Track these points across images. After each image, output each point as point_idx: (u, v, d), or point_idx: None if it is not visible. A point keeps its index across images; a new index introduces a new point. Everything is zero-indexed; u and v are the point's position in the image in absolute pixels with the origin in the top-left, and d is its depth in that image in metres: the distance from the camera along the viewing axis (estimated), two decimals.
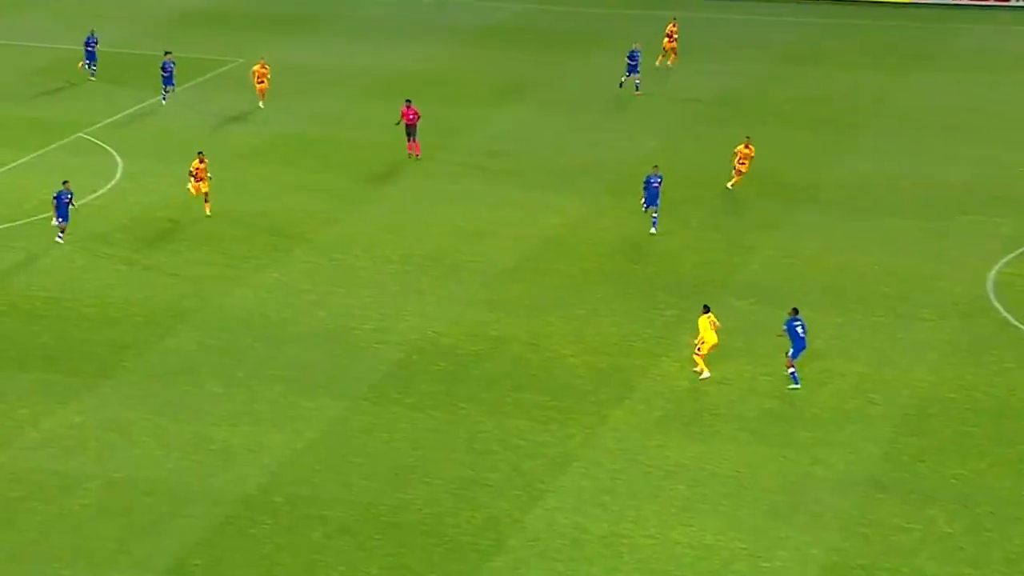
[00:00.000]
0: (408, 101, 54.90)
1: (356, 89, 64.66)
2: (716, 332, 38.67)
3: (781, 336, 38.58)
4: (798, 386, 38.27)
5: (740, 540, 31.95)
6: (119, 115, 60.59)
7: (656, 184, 48.15)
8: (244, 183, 53.14)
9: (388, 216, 50.53)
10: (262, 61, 60.89)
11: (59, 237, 47.11)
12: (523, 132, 59.29)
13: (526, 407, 37.54)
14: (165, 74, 60.79)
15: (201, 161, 49.22)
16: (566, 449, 35.58)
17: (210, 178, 49.33)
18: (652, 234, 47.80)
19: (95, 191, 51.60)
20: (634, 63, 62.82)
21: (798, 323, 38.45)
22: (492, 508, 33.12)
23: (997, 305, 43.94)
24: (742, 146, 51.32)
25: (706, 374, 38.66)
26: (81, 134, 58.01)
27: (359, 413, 37.22)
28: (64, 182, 47.21)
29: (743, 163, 50.97)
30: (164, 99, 60.89)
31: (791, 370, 38.32)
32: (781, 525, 32.54)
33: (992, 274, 46.09)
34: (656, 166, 48.70)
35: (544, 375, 39.29)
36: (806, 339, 38.51)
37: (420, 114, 55.02)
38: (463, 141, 57.10)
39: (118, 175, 53.85)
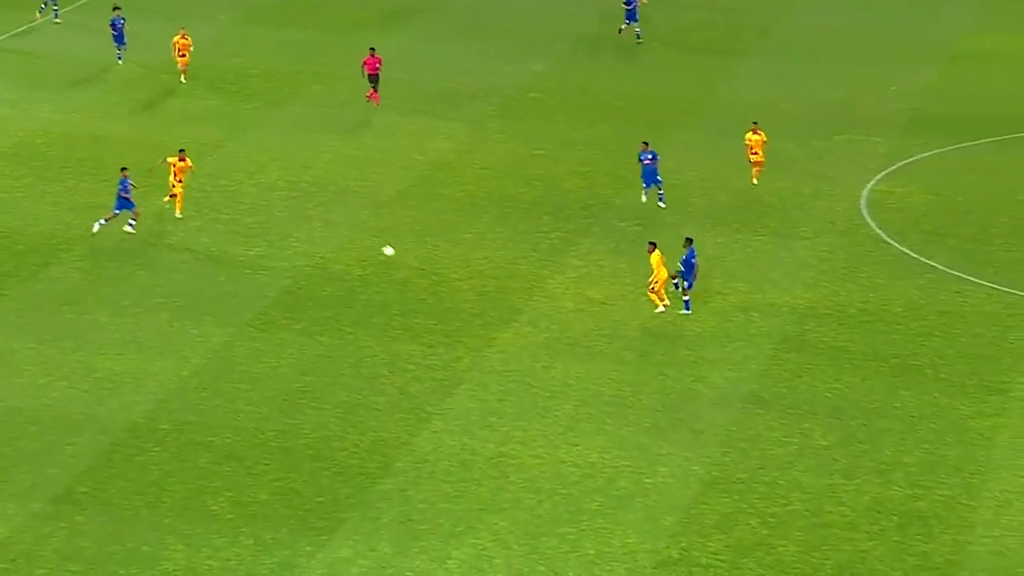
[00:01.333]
0: (372, 49, 53.46)
1: (237, 14, 63.82)
2: (664, 265, 38.23)
3: (675, 277, 38.64)
4: (689, 312, 38.77)
5: (624, 457, 32.65)
6: None
7: (648, 160, 44.33)
8: (128, 110, 52.50)
9: (275, 143, 50.25)
10: (183, 31, 55.16)
11: (130, 226, 42.24)
12: (409, 57, 59.02)
13: (414, 331, 37.85)
14: (115, 32, 56.15)
15: (182, 159, 43.47)
16: (453, 372, 35.98)
17: (192, 169, 43.85)
18: (660, 207, 44.69)
19: None
20: (631, 8, 59.54)
21: (694, 256, 38.65)
22: (380, 431, 33.47)
23: (871, 222, 45.00)
24: (750, 132, 46.50)
25: (661, 308, 38.57)
26: None
27: (246, 339, 37.29)
28: (123, 169, 42.72)
29: (756, 152, 46.55)
30: (120, 59, 56.11)
31: (686, 298, 38.70)
32: (663, 442, 33.28)
33: (866, 192, 47.15)
34: (646, 143, 44.80)
35: (432, 299, 39.59)
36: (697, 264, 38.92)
37: (382, 62, 52.48)
38: (349, 68, 56.67)
39: None
